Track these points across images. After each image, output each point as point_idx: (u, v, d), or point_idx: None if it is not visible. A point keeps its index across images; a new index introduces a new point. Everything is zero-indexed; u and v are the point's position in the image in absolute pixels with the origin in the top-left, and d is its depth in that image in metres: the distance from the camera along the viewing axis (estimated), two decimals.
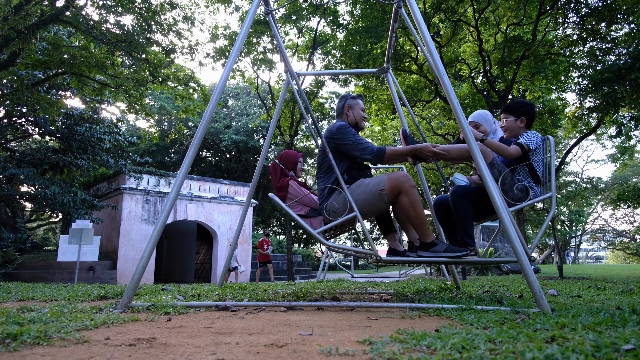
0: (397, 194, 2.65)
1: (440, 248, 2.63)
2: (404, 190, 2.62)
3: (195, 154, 2.52)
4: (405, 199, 2.63)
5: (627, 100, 9.29)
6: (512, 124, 2.94)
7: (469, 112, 14.21)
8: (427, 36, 2.62)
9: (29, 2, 8.30)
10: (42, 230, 31.33)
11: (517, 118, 2.92)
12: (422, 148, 2.74)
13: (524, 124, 2.92)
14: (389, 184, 2.64)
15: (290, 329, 1.73)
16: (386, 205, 2.72)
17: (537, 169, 2.79)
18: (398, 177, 2.64)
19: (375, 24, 11.26)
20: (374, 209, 2.75)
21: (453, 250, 2.60)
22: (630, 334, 1.35)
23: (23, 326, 1.58)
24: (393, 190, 2.64)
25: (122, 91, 10.05)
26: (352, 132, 2.84)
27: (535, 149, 2.77)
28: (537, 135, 2.81)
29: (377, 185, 2.68)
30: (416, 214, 2.65)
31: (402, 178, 2.64)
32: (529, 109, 2.93)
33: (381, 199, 2.67)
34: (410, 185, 2.63)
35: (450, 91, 2.46)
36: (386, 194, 2.65)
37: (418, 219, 2.66)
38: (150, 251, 2.32)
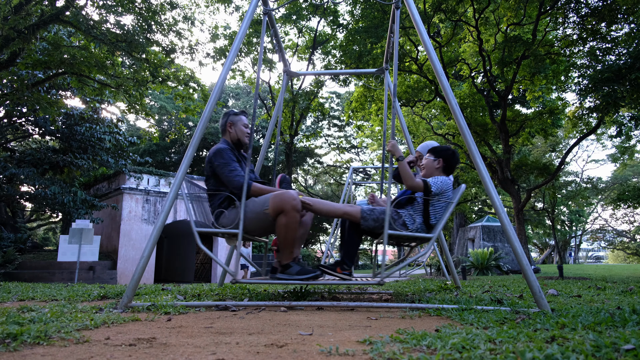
0: (279, 213, 2.65)
1: (293, 270, 2.69)
2: (285, 210, 2.62)
3: (194, 153, 2.52)
4: (282, 219, 2.63)
5: (627, 100, 9.30)
6: (429, 163, 2.98)
7: (469, 112, 14.22)
8: (425, 36, 2.62)
9: (29, 2, 8.30)
10: (42, 230, 31.34)
11: (436, 159, 2.96)
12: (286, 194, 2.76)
13: (440, 165, 2.95)
14: (272, 204, 2.65)
15: (290, 329, 1.73)
16: (272, 225, 2.73)
17: (431, 213, 2.80)
18: (283, 197, 2.64)
19: (375, 24, 11.27)
20: (261, 228, 2.77)
21: (304, 273, 2.65)
22: (630, 334, 1.35)
23: (23, 326, 1.58)
24: (275, 209, 2.65)
25: (122, 91, 10.05)
26: (227, 157, 2.83)
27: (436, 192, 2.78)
28: (445, 182, 2.82)
29: (263, 204, 2.70)
30: (285, 236, 2.67)
31: (287, 198, 2.62)
32: (450, 155, 2.95)
33: (267, 218, 2.69)
34: (293, 207, 2.61)
35: (448, 91, 2.46)
36: (270, 214, 2.67)
37: (285, 241, 2.68)
38: (150, 251, 2.32)
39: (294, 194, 2.66)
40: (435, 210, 2.80)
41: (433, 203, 2.78)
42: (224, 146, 2.92)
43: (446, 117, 16.41)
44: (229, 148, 2.91)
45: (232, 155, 2.87)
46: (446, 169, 2.95)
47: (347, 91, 29.15)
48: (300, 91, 15.65)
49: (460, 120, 2.43)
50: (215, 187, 2.86)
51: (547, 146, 25.90)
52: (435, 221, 2.81)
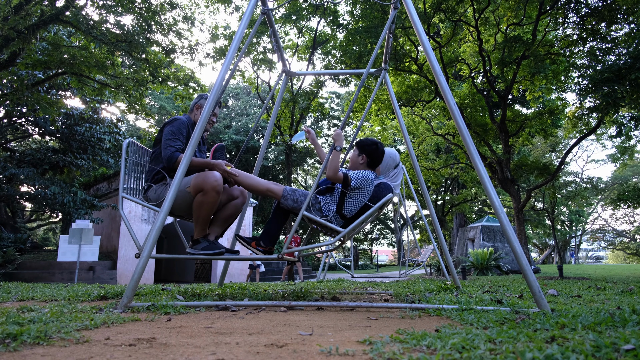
0: (198, 192, 2.68)
1: (200, 246, 2.74)
2: (204, 190, 2.64)
3: (193, 153, 2.52)
4: (199, 197, 2.66)
5: (627, 100, 9.30)
6: (354, 158, 3.01)
7: (469, 112, 14.22)
8: (423, 36, 2.62)
9: (29, 2, 8.30)
10: (42, 230, 31.33)
11: (360, 154, 2.98)
12: (215, 164, 2.80)
13: (364, 161, 2.96)
14: (194, 183, 2.68)
15: (290, 329, 1.73)
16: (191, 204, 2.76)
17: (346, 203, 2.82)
18: (206, 177, 2.66)
19: (375, 24, 11.26)
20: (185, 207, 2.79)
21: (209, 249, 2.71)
22: (630, 334, 1.35)
23: (23, 326, 1.58)
24: (195, 188, 2.68)
25: (122, 91, 10.05)
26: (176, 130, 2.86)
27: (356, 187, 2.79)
28: (367, 178, 2.82)
29: (186, 184, 2.73)
30: (198, 213, 2.70)
31: (209, 179, 2.65)
32: (373, 150, 2.95)
33: (189, 196, 2.73)
34: (212, 187, 2.63)
35: (446, 91, 2.46)
36: (191, 192, 2.71)
37: (199, 217, 2.72)
38: (150, 251, 2.32)
39: (217, 174, 2.67)
40: (350, 203, 2.82)
41: (350, 196, 2.81)
42: (183, 118, 2.96)
43: (446, 117, 16.41)
44: (186, 122, 2.96)
45: (185, 129, 2.91)
46: (370, 164, 2.97)
47: (347, 91, 29.15)
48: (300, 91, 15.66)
49: (459, 120, 2.43)
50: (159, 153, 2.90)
51: (547, 146, 25.90)
52: (350, 214, 2.82)
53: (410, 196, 15.74)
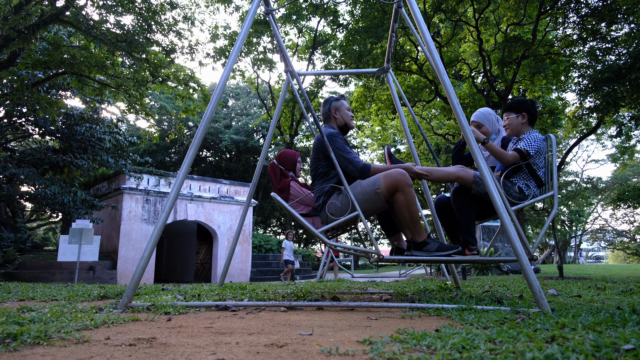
0: (393, 193, 2.62)
1: (432, 247, 2.62)
2: (400, 188, 2.59)
3: (195, 153, 2.52)
4: (401, 197, 2.60)
5: (627, 100, 9.29)
6: (513, 121, 2.91)
7: (469, 112, 14.21)
8: (427, 36, 2.62)
9: (29, 2, 8.30)
10: (42, 230, 31.34)
11: (519, 114, 2.91)
12: (405, 168, 2.75)
13: (525, 119, 2.90)
14: (385, 183, 2.61)
15: (290, 329, 1.73)
16: (384, 204, 2.70)
17: (538, 172, 2.78)
18: (394, 175, 2.61)
19: (375, 24, 11.27)
20: (373, 209, 2.74)
21: (445, 249, 2.58)
22: (630, 334, 1.35)
23: (23, 326, 1.58)
24: (389, 189, 2.61)
25: (122, 91, 10.05)
26: (340, 141, 2.85)
27: (535, 153, 2.75)
28: (538, 138, 2.78)
29: (373, 184, 2.67)
30: (410, 213, 2.62)
31: (399, 176, 2.60)
32: (530, 105, 2.91)
33: (378, 198, 2.65)
34: (407, 183, 2.59)
35: (450, 91, 2.46)
36: (382, 193, 2.63)
37: (412, 218, 2.63)
38: (150, 251, 2.32)
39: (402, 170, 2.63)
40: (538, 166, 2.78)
41: (536, 162, 2.76)
42: (334, 130, 2.94)
43: (446, 117, 16.41)
44: (338, 132, 2.95)
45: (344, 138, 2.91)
46: (531, 120, 2.90)
47: (347, 91, 29.13)
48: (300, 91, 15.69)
49: (461, 118, 2.43)
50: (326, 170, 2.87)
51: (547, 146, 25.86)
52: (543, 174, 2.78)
53: None
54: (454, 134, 15.58)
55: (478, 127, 3.08)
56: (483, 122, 3.06)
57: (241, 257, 16.72)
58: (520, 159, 2.73)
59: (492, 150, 2.69)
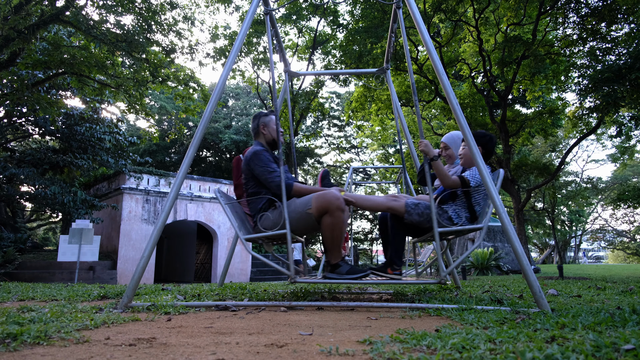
0: (323, 214, 2.63)
1: (343, 269, 2.66)
2: (330, 211, 2.60)
3: (194, 153, 2.52)
4: (328, 220, 2.61)
5: (627, 100, 9.30)
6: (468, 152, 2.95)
7: (469, 112, 14.22)
8: (426, 36, 2.62)
9: (29, 2, 8.30)
10: (42, 230, 31.33)
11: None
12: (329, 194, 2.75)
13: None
14: (316, 204, 2.63)
15: (290, 329, 1.73)
16: (315, 224, 2.71)
17: (475, 206, 2.80)
18: (326, 197, 2.61)
19: (375, 24, 11.26)
20: (304, 227, 2.75)
21: (354, 272, 2.63)
22: (630, 334, 1.35)
23: (23, 326, 1.58)
24: (319, 210, 2.62)
25: (122, 91, 10.05)
26: (265, 159, 2.83)
27: (476, 186, 2.77)
28: None
29: (305, 204, 2.68)
30: (332, 236, 2.64)
31: (331, 198, 2.60)
32: (487, 140, 2.94)
33: (309, 218, 2.67)
34: (338, 207, 2.59)
35: (449, 90, 2.46)
36: (313, 214, 2.65)
37: (333, 241, 2.66)
38: (150, 251, 2.32)
39: (337, 193, 2.63)
40: (477, 200, 2.79)
41: (474, 194, 2.78)
42: (259, 148, 2.93)
43: (446, 117, 16.41)
44: (264, 149, 2.93)
45: (269, 156, 2.89)
46: (485, 155, 2.93)
47: (347, 91, 29.14)
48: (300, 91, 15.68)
49: (461, 119, 2.43)
50: (255, 190, 2.87)
51: (547, 146, 25.90)
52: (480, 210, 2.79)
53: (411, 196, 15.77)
54: None
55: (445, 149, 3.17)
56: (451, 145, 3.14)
57: (241, 257, 16.72)
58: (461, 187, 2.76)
59: (437, 169, 2.72)
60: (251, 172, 2.87)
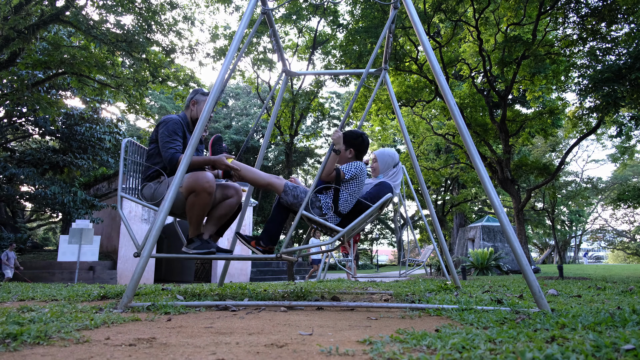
0: (190, 193, 2.67)
1: (193, 245, 2.74)
2: (197, 191, 2.64)
3: (193, 153, 2.51)
4: (192, 199, 2.66)
5: (627, 100, 9.30)
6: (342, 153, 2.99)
7: (469, 112, 14.22)
8: (423, 36, 2.62)
9: (29, 2, 8.30)
10: (42, 230, 31.34)
11: (347, 148, 2.99)
12: (215, 160, 2.79)
13: (352, 154, 2.99)
14: (186, 183, 2.67)
15: (290, 329, 1.73)
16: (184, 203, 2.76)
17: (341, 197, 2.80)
18: (197, 178, 2.65)
19: (375, 24, 11.26)
20: (177, 205, 2.79)
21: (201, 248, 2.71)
22: (630, 334, 1.35)
23: (23, 326, 1.58)
24: (188, 189, 2.67)
25: (122, 91, 10.05)
26: (171, 130, 2.85)
27: (350, 179, 2.79)
28: (359, 167, 2.83)
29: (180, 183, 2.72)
30: (190, 214, 2.71)
31: (200, 179, 2.64)
32: (359, 142, 2.98)
33: (180, 197, 2.72)
34: (204, 188, 2.62)
35: (446, 91, 2.46)
36: (182, 192, 2.70)
37: (191, 218, 2.73)
38: (150, 251, 2.31)
39: (209, 175, 2.66)
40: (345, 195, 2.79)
41: (344, 188, 2.80)
42: (175, 117, 2.95)
43: (446, 117, 16.41)
44: (180, 121, 2.95)
45: (180, 129, 2.90)
46: (358, 156, 3.01)
47: (347, 91, 29.14)
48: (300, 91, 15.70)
49: (459, 120, 2.43)
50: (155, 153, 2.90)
51: (547, 146, 25.90)
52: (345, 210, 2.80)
53: (410, 196, 15.76)
54: (454, 133, 15.58)
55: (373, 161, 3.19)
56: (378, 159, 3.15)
57: None
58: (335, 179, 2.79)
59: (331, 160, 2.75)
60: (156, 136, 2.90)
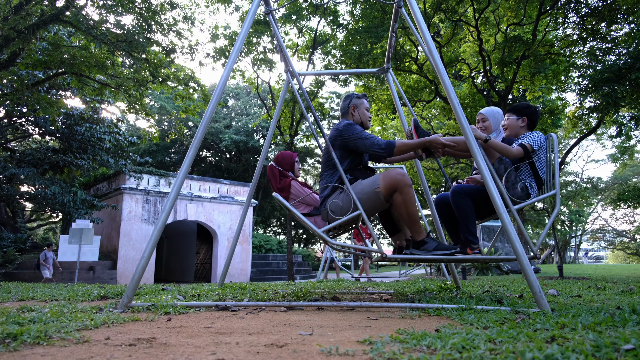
0: (392, 192, 2.63)
1: (430, 246, 2.62)
2: (399, 188, 2.60)
3: (195, 153, 2.52)
4: (399, 197, 2.61)
5: (627, 100, 9.29)
6: (513, 123, 2.97)
7: (469, 112, 14.21)
8: (427, 36, 2.62)
9: (29, 2, 8.30)
10: (42, 230, 31.33)
11: (519, 117, 2.96)
12: (432, 140, 2.75)
13: (525, 123, 2.96)
14: (384, 183, 2.63)
15: (290, 329, 1.73)
16: (384, 204, 2.70)
17: (539, 170, 2.80)
18: (393, 175, 2.62)
19: (375, 24, 11.26)
20: (373, 208, 2.74)
21: (443, 248, 2.59)
22: (630, 333, 1.35)
23: (23, 326, 1.58)
24: (388, 188, 2.62)
25: (122, 91, 10.05)
26: (359, 128, 2.83)
27: (538, 149, 2.79)
28: (540, 136, 2.83)
29: (372, 184, 2.68)
30: (408, 213, 2.63)
31: (398, 176, 2.61)
32: (532, 111, 2.96)
33: (378, 197, 2.65)
34: (406, 183, 2.60)
35: (450, 91, 2.46)
36: (382, 193, 2.63)
37: (410, 217, 2.64)
38: (150, 251, 2.31)
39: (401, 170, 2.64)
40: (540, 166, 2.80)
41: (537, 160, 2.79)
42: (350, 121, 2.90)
43: (446, 117, 16.41)
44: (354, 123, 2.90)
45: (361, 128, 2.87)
46: (530, 125, 2.96)
47: (347, 91, 29.14)
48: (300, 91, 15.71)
49: (461, 118, 2.43)
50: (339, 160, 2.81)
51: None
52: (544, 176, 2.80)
53: None
54: (454, 133, 15.58)
55: (483, 121, 3.12)
56: (488, 117, 3.10)
57: (241, 257, 16.71)
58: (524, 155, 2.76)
59: (495, 146, 2.72)
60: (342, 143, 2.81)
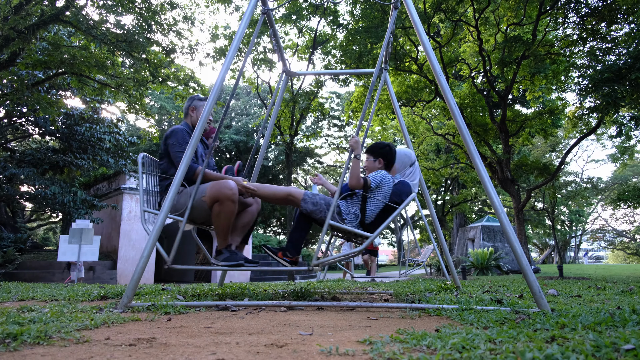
0: (215, 202, 2.68)
1: (222, 257, 2.74)
2: (221, 200, 2.65)
3: (192, 153, 2.51)
4: (217, 208, 2.67)
5: (627, 100, 9.29)
6: (371, 164, 3.05)
7: (469, 112, 14.22)
8: (423, 36, 2.62)
9: (29, 2, 8.30)
10: (42, 230, 31.33)
11: (375, 159, 3.03)
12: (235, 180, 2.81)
13: (381, 164, 3.02)
14: (209, 193, 2.69)
15: (290, 329, 1.73)
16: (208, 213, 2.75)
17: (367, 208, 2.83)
18: (220, 187, 2.67)
19: (375, 24, 11.26)
20: (199, 215, 2.79)
21: (230, 260, 2.71)
22: (630, 333, 1.35)
23: (23, 326, 1.58)
24: (212, 198, 2.68)
25: (122, 91, 10.05)
26: (181, 140, 2.86)
27: (375, 187, 2.83)
28: (385, 177, 2.86)
29: (202, 192, 2.73)
30: (218, 224, 2.71)
31: (224, 189, 2.66)
32: (387, 151, 3.02)
33: (203, 206, 2.72)
34: (228, 197, 2.64)
35: (447, 92, 2.46)
36: (206, 202, 2.70)
37: (218, 228, 2.73)
38: (149, 251, 2.32)
39: (232, 184, 2.67)
40: (371, 205, 2.83)
41: (371, 198, 2.82)
42: (181, 127, 2.96)
43: (446, 117, 16.41)
44: (186, 130, 2.96)
45: (188, 137, 2.90)
46: (387, 165, 3.03)
47: (347, 91, 29.15)
48: (300, 91, 15.69)
49: (459, 120, 2.43)
50: (167, 167, 2.90)
51: (547, 146, 25.89)
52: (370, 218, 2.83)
53: None
54: (454, 133, 15.58)
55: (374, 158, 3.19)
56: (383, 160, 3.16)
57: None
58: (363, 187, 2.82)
59: (353, 167, 2.79)
60: (166, 149, 2.90)
